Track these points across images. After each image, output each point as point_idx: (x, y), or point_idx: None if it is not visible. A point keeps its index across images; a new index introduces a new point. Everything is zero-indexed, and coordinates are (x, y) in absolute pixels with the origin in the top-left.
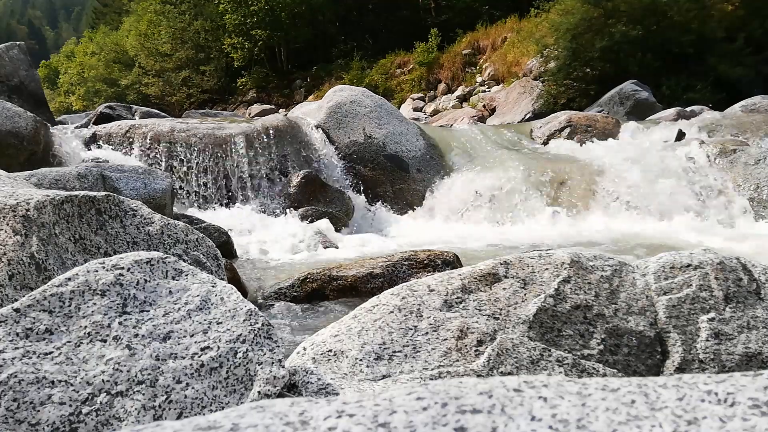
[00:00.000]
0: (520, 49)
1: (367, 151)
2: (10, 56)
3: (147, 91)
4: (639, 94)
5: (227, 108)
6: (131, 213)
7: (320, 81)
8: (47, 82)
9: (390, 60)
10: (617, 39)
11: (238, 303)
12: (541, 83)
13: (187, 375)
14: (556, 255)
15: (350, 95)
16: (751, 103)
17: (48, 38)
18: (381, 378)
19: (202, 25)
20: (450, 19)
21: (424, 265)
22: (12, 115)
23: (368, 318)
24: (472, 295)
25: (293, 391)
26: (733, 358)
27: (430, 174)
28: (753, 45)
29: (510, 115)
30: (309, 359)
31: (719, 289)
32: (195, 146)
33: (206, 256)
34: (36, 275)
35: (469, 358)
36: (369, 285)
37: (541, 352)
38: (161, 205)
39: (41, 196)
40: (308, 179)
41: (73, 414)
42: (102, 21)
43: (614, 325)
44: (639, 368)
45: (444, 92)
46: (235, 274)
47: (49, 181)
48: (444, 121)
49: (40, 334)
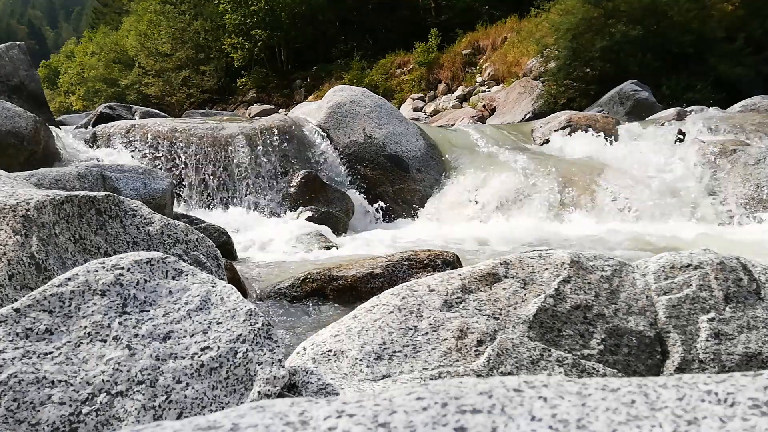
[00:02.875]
0: (520, 49)
1: (367, 151)
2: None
3: (147, 91)
4: (639, 94)
5: (227, 108)
6: (131, 213)
7: (320, 81)
8: (47, 82)
9: (390, 60)
10: (617, 39)
11: (238, 303)
12: (541, 83)
13: (187, 375)
14: (556, 255)
15: (350, 95)
16: (751, 103)
17: (48, 38)
18: (381, 378)
19: (202, 25)
20: (450, 19)
21: (424, 265)
22: (12, 115)
23: (368, 318)
24: (472, 295)
25: (293, 391)
26: (733, 358)
27: (430, 174)
28: (753, 45)
29: (510, 115)
30: (309, 359)
31: (719, 289)
32: (195, 146)
33: (206, 256)
34: (36, 275)
35: (469, 358)
36: (369, 285)
37: (541, 352)
38: (161, 205)
39: (41, 196)
40: (308, 179)
41: (73, 414)
42: (102, 21)
43: (614, 325)
44: (639, 368)
45: (444, 92)
46: (235, 274)
47: (49, 181)
48: (444, 121)
49: (40, 334)
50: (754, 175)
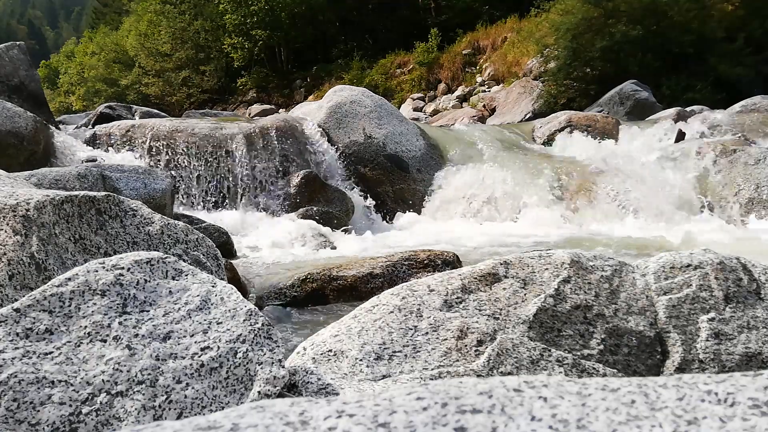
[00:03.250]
0: (520, 49)
1: (367, 151)
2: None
3: (147, 91)
4: (639, 94)
5: (227, 108)
6: (131, 213)
7: (320, 81)
8: (47, 82)
9: (390, 60)
10: (617, 39)
11: (238, 303)
12: (541, 83)
13: (187, 375)
14: (556, 255)
15: (350, 95)
16: (751, 103)
17: (48, 38)
18: (381, 378)
19: (202, 25)
20: (450, 19)
21: (424, 265)
22: (12, 115)
23: (368, 318)
24: (472, 295)
25: (293, 391)
26: (733, 358)
27: (430, 174)
28: (753, 45)
29: (510, 115)
30: (309, 359)
31: (719, 289)
32: (195, 146)
33: (206, 256)
34: (36, 275)
35: (469, 358)
36: (369, 285)
37: (541, 352)
38: (161, 205)
39: (41, 196)
40: (308, 179)
41: (73, 414)
42: (102, 21)
43: (614, 325)
44: (639, 368)
45: (444, 92)
46: (235, 274)
47: (49, 181)
48: (444, 121)
49: (40, 334)
50: (754, 175)
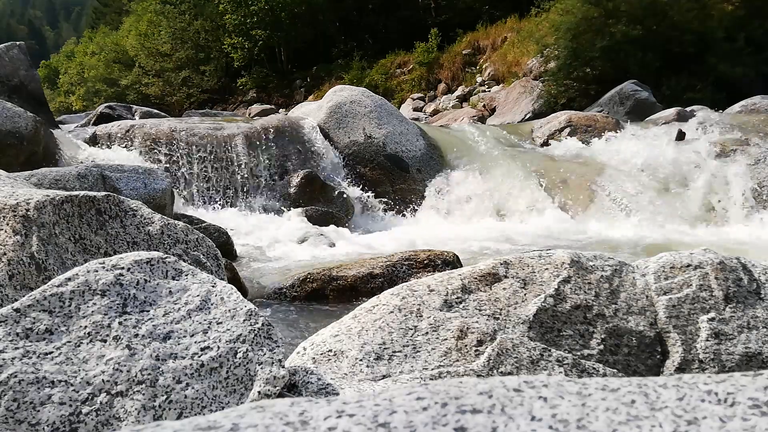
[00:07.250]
0: (520, 49)
1: (367, 151)
2: (10, 56)
3: (147, 91)
4: (639, 94)
5: (227, 108)
6: (131, 213)
7: (320, 81)
8: (47, 82)
9: (390, 60)
10: (618, 39)
11: (238, 303)
12: (541, 83)
13: (187, 375)
14: (556, 255)
15: (350, 95)
16: (751, 103)
17: (48, 38)
18: (381, 378)
19: (202, 25)
20: (450, 19)
21: (424, 265)
22: (12, 115)
23: (368, 318)
24: (472, 295)
25: (293, 391)
26: (733, 358)
27: (430, 174)
28: (753, 45)
29: (510, 115)
30: (309, 359)
31: (719, 289)
32: (195, 146)
33: (206, 256)
34: (36, 275)
35: (469, 358)
36: (369, 285)
37: (541, 352)
38: (161, 205)
39: (41, 196)
40: (308, 179)
41: (73, 414)
42: (102, 21)
43: (614, 325)
44: (639, 368)
45: (444, 92)
46: (235, 274)
47: (49, 181)
48: (444, 121)
49: (40, 334)
50: (754, 175)
